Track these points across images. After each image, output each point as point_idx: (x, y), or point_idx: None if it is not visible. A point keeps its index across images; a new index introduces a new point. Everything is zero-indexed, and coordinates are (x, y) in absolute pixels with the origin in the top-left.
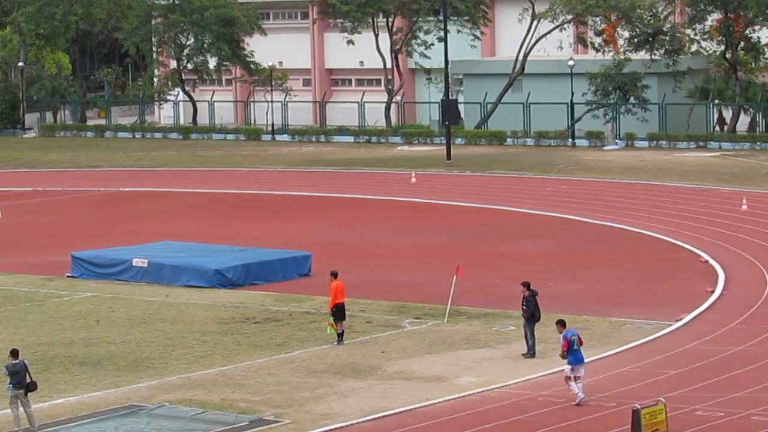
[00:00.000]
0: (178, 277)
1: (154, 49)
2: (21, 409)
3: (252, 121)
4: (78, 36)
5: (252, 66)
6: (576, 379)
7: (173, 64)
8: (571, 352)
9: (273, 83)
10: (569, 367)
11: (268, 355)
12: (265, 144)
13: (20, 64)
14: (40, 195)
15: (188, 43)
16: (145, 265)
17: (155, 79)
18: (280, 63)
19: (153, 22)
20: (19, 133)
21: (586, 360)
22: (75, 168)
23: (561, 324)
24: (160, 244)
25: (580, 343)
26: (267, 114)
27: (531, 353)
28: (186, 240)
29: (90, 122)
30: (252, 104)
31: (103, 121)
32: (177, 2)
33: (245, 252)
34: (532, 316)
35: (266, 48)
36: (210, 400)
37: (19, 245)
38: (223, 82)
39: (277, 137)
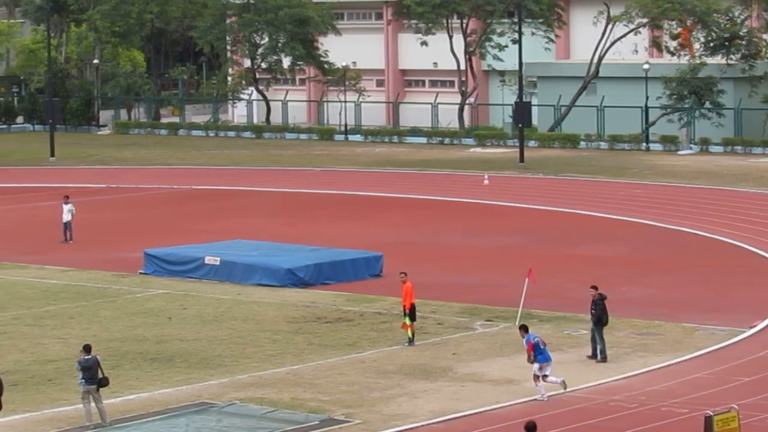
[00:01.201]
0: (249, 276)
1: (228, 48)
2: (93, 404)
3: (325, 121)
4: (153, 34)
5: (326, 66)
6: (544, 377)
7: (247, 63)
8: (539, 353)
9: (346, 83)
10: (538, 365)
11: (338, 355)
12: (338, 144)
13: (95, 61)
14: (114, 192)
15: (262, 42)
16: (218, 263)
17: (229, 78)
18: (354, 63)
19: (227, 21)
20: (93, 130)
21: (657, 366)
22: (148, 165)
23: (524, 329)
24: (232, 243)
25: (544, 344)
26: (340, 114)
27: (602, 357)
28: (258, 239)
29: (163, 120)
30: (325, 104)
31: (176, 119)
32: (252, 1)
33: (317, 252)
34: (599, 320)
35: (340, 48)
36: (280, 399)
37: (93, 242)
38: (297, 82)
39: (350, 137)
